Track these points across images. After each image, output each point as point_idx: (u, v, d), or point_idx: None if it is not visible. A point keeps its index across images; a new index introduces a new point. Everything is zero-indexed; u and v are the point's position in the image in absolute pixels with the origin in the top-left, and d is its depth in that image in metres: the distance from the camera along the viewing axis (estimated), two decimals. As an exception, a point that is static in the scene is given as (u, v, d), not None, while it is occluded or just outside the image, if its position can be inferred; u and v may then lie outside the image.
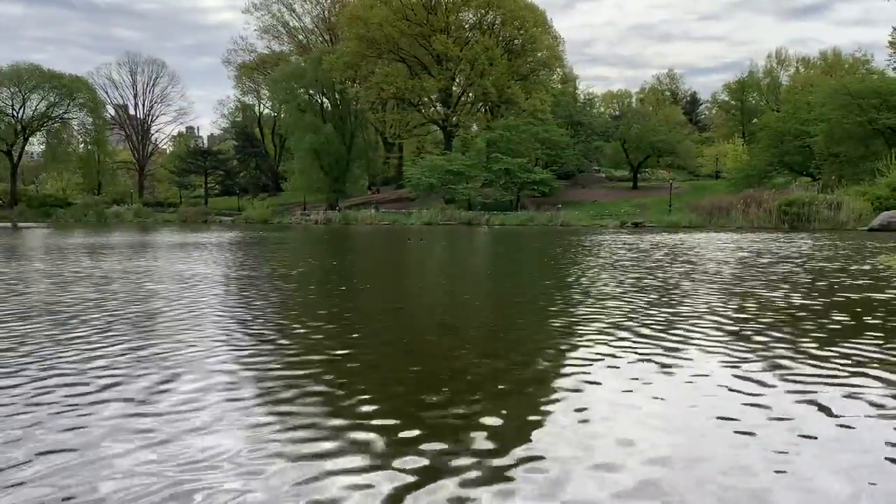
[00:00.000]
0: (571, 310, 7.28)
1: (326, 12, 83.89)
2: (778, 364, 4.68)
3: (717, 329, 6.00)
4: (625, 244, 21.38)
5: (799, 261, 13.86)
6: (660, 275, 11.10)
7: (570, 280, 10.59)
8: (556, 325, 6.38)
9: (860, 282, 9.86)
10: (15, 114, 77.74)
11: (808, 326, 6.15)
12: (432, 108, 72.87)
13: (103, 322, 6.35)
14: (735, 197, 41.84)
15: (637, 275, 11.17)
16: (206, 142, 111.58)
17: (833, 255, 15.68)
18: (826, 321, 6.42)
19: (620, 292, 8.79)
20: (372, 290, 10.11)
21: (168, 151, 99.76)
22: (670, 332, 5.87)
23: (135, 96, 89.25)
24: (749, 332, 5.83)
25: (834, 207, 35.91)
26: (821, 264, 13.06)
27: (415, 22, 66.40)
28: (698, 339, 5.57)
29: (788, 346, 5.31)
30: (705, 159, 73.19)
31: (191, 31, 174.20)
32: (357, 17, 66.63)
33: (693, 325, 6.21)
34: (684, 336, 5.67)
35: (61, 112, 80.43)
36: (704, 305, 7.41)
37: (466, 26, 69.85)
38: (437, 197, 57.77)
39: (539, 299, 8.31)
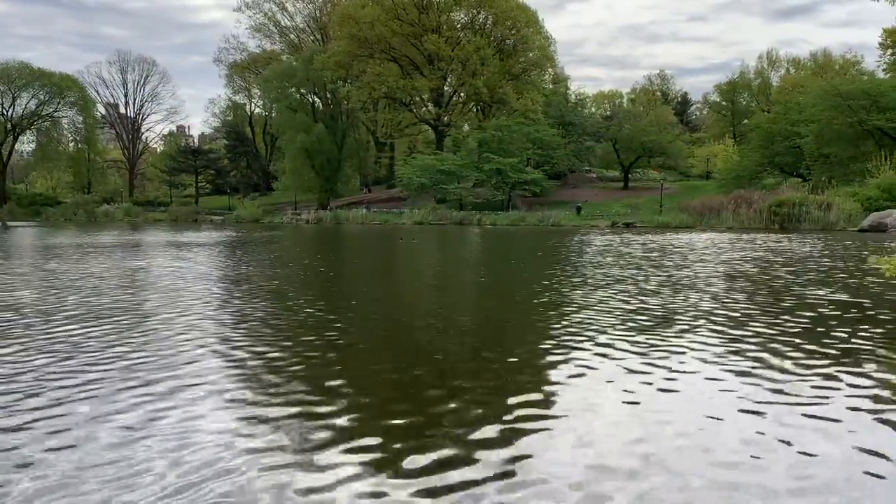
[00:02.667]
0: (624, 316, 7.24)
1: (318, 11, 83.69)
2: None
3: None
4: (633, 245, 21.28)
5: (825, 261, 13.91)
6: (702, 276, 11.04)
7: (615, 288, 10.45)
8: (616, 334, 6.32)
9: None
10: (4, 112, 77.34)
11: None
12: (424, 108, 72.83)
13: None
14: (726, 197, 41.86)
15: (670, 276, 11.12)
16: (196, 141, 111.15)
17: (850, 253, 15.83)
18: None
19: (670, 293, 8.74)
20: (372, 290, 10.05)
21: (158, 150, 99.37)
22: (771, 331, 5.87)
23: (125, 95, 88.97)
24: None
25: (824, 208, 35.98)
26: (847, 264, 13.11)
27: (406, 21, 66.31)
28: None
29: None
30: (696, 160, 73.35)
31: (180, 29, 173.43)
32: (349, 16, 66.52)
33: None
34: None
35: (51, 110, 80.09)
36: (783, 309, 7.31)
37: (458, 26, 69.78)
38: (429, 196, 57.69)
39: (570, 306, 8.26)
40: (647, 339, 5.57)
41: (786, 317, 6.59)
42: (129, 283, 10.12)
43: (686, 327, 6.07)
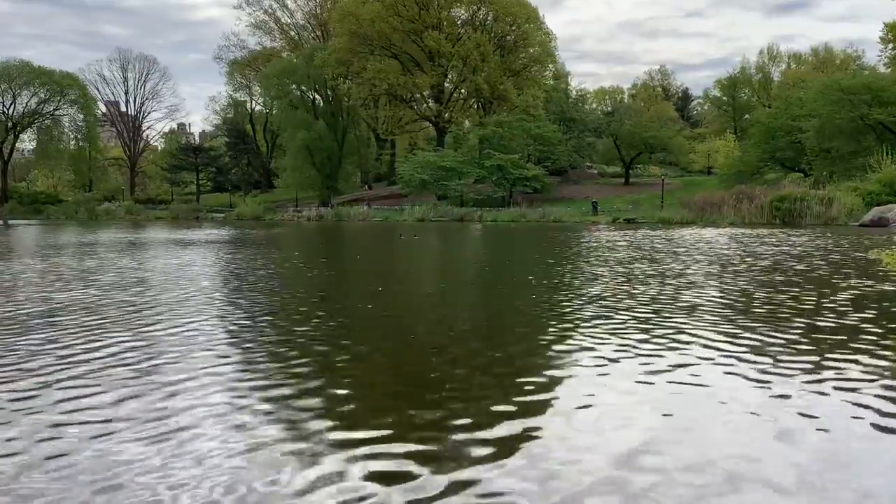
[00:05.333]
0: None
1: (318, 8, 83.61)
2: None
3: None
4: (654, 240, 21.23)
5: (857, 254, 14.01)
6: (747, 270, 11.05)
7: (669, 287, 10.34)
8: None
9: None
10: (5, 110, 77.33)
11: None
12: (424, 105, 72.75)
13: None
14: (727, 193, 41.85)
15: (716, 271, 11.11)
16: (197, 138, 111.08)
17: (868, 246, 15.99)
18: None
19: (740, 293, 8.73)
20: (379, 289, 10.06)
21: (159, 148, 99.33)
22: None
23: (126, 93, 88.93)
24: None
25: (825, 203, 35.98)
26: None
27: (406, 18, 66.21)
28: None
29: None
30: (697, 155, 73.27)
31: (179, 27, 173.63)
32: (349, 12, 66.40)
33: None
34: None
35: (52, 109, 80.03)
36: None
37: (458, 22, 69.65)
38: (430, 193, 57.68)
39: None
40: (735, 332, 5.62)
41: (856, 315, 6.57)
42: (181, 278, 10.38)
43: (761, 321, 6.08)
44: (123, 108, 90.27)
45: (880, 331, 5.64)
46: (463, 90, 70.49)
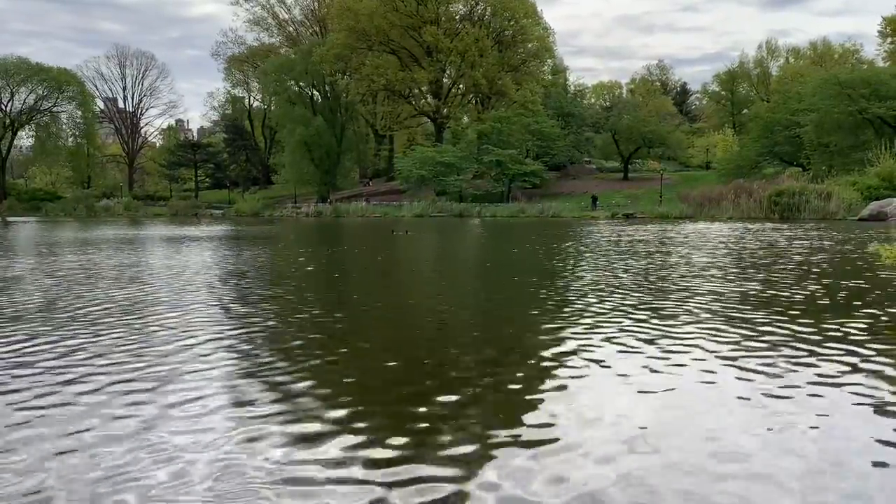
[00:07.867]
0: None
1: (316, 4, 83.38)
2: None
3: None
4: (669, 235, 21.20)
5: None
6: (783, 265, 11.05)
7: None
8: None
9: None
10: (3, 107, 77.15)
11: None
12: (423, 100, 72.66)
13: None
14: (725, 187, 41.85)
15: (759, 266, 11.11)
16: (195, 135, 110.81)
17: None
18: None
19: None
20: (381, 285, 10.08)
21: (158, 145, 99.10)
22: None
23: (124, 89, 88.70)
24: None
25: (824, 197, 36.00)
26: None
27: (405, 13, 66.09)
28: None
29: None
30: (696, 150, 73.28)
31: (175, 23, 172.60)
32: (347, 8, 66.28)
33: None
34: None
35: (50, 105, 79.78)
36: None
37: (457, 17, 69.54)
38: (429, 189, 57.61)
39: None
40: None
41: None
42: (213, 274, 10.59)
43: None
44: (121, 105, 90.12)
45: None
46: (461, 85, 70.43)
